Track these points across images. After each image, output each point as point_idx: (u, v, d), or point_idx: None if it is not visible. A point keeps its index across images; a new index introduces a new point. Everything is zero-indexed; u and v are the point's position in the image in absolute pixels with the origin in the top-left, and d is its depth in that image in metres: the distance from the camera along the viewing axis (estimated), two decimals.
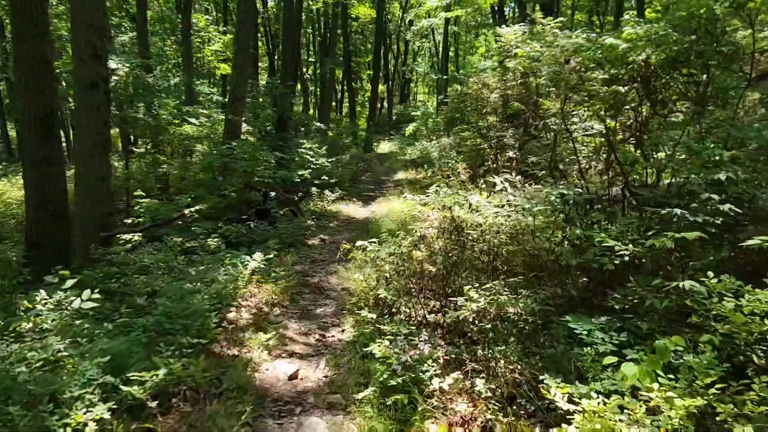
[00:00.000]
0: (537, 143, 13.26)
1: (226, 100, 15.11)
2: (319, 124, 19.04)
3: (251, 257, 6.71)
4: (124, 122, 14.40)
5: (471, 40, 47.82)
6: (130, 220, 9.90)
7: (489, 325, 4.20)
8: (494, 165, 14.49)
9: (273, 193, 10.56)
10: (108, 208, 8.17)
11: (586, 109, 6.29)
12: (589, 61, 4.97)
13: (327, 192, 12.77)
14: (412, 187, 15.27)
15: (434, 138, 24.78)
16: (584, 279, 4.23)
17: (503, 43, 15.10)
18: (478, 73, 14.12)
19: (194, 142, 12.88)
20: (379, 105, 41.79)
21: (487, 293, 4.44)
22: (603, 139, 6.34)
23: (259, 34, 34.27)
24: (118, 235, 9.29)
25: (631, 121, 5.69)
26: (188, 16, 20.70)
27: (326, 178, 13.02)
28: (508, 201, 5.12)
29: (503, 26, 15.61)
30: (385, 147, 30.52)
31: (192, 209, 7.93)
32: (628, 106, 5.57)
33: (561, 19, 15.31)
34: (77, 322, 4.92)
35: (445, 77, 28.25)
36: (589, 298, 4.14)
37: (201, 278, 6.00)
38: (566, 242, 4.26)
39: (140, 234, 9.31)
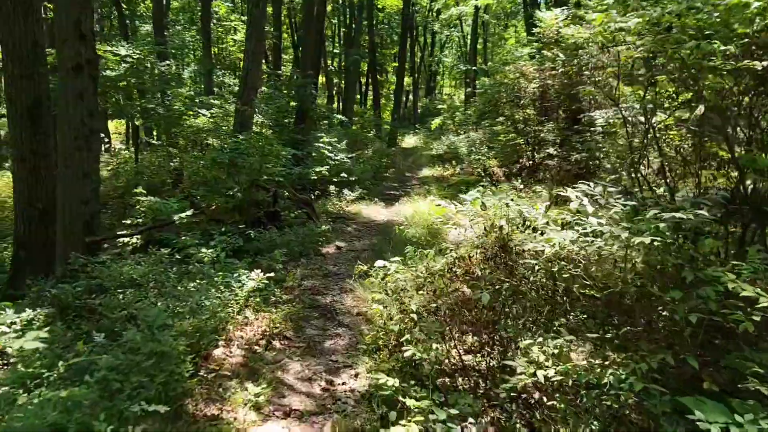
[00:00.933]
0: (579, 138, 11.79)
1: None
2: (341, 116, 17.79)
3: (249, 275, 5.50)
4: (140, 113, 13.42)
5: (499, 32, 45.99)
6: (129, 221, 8.84)
7: (562, 404, 2.90)
8: (530, 162, 13.08)
9: (285, 193, 9.36)
10: (93, 208, 7.05)
11: (670, 96, 4.87)
12: (697, 29, 3.57)
13: (346, 191, 11.53)
14: (439, 186, 13.94)
15: (462, 132, 23.35)
16: (699, 341, 2.88)
17: (543, 27, 13.63)
18: (515, 61, 12.68)
19: (206, 134, 11.76)
20: (404, 98, 40.42)
21: (554, 348, 3.15)
22: (689, 134, 4.93)
23: (284, 27, 33.24)
24: (116, 239, 8.23)
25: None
26: (207, 3, 19.63)
27: (345, 175, 11.78)
28: (579, 220, 3.77)
29: (543, 10, 14.13)
30: (410, 141, 29.17)
31: (183, 215, 6.75)
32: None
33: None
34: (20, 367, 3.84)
35: (474, 68, 26.71)
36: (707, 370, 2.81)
37: (185, 302, 4.82)
38: (677, 287, 2.91)
39: (138, 236, 8.25)
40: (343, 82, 35.02)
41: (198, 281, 5.38)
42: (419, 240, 8.40)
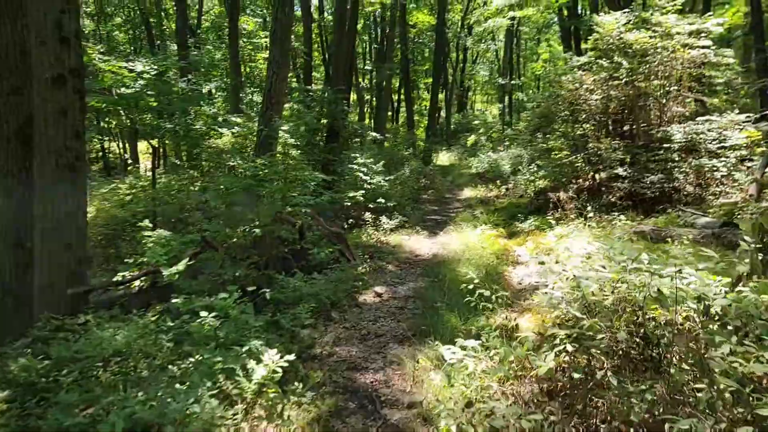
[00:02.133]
0: (652, 156, 9.97)
1: None
2: (374, 134, 16.31)
3: (263, 352, 3.94)
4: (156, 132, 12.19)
5: (532, 46, 44.26)
6: (131, 260, 7.43)
7: None
8: (589, 183, 11.25)
9: (317, 224, 7.84)
10: (79, 253, 5.65)
11: None
12: None
13: (383, 218, 9.95)
14: (486, 209, 12.22)
15: (501, 148, 21.60)
16: None
17: (601, 33, 11.89)
18: (568, 72, 10.97)
19: (228, 156, 10.38)
20: (437, 114, 38.89)
21: None
22: None
23: (315, 45, 32.23)
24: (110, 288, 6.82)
25: None
26: (235, 19, 18.53)
27: (383, 200, 10.21)
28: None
29: (601, 14, 12.39)
30: (444, 158, 27.54)
31: (174, 269, 5.27)
32: None
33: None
34: None
35: (512, 82, 25.05)
36: None
37: (167, 404, 3.29)
38: None
39: (142, 281, 6.82)
40: (374, 99, 33.75)
41: (192, 364, 3.85)
42: (478, 284, 6.75)
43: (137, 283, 6.86)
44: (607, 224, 8.36)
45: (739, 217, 7.38)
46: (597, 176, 11.00)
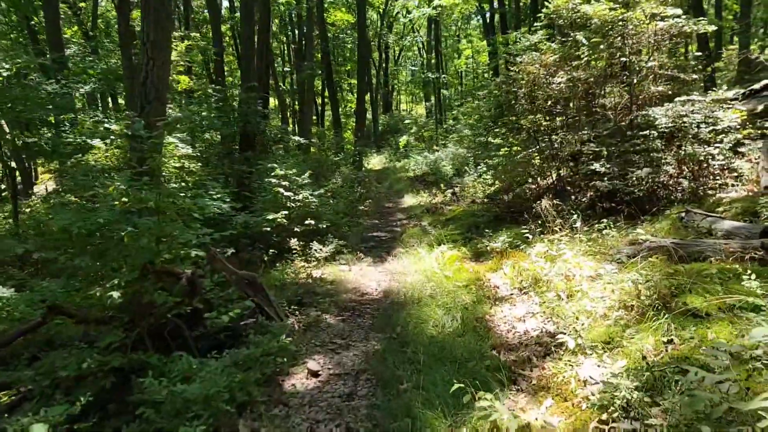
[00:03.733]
0: (630, 147, 8.27)
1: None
2: (298, 138, 13.87)
3: None
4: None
5: (453, 43, 43.17)
6: None
7: None
8: (554, 183, 9.38)
9: (220, 268, 5.39)
10: None
11: None
12: None
13: (315, 245, 7.58)
14: (436, 221, 10.15)
15: (437, 148, 19.76)
16: None
17: (553, 7, 10.15)
18: (525, 52, 9.08)
19: (101, 175, 7.64)
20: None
21: None
22: None
23: (230, 48, 29.19)
24: None
25: None
26: (125, 14, 15.43)
27: (312, 221, 7.82)
28: None
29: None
30: (375, 161, 25.41)
31: None
32: None
33: None
34: None
35: (439, 76, 23.36)
36: None
37: None
38: None
39: None
40: (297, 102, 31.12)
41: None
42: (457, 342, 4.57)
43: None
44: (599, 236, 6.47)
45: None
46: (562, 173, 9.19)
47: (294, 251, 7.43)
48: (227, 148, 12.03)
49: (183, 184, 8.11)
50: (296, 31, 31.37)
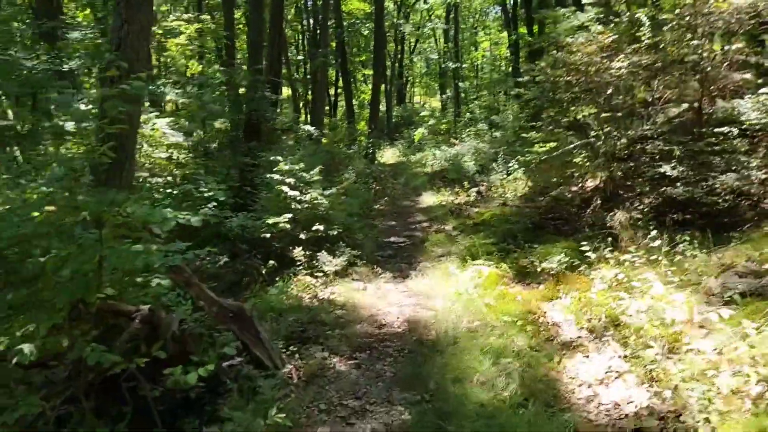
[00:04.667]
0: (706, 147, 6.77)
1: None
2: (309, 128, 12.46)
3: None
4: None
5: (470, 36, 41.36)
6: None
7: None
8: (608, 188, 7.83)
9: (198, 296, 4.02)
10: None
11: None
12: None
13: (323, 255, 6.18)
14: (462, 225, 8.72)
15: (455, 141, 18.23)
16: None
17: None
18: (579, 31, 7.56)
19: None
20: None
21: None
22: None
23: (242, 27, 27.74)
24: None
25: None
26: None
27: (321, 227, 6.40)
28: None
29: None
30: (389, 154, 23.89)
31: None
32: None
33: None
34: None
35: (459, 65, 21.80)
36: None
37: None
38: None
39: None
40: (310, 91, 29.68)
41: None
42: (519, 418, 3.18)
43: None
44: (681, 257, 5.00)
45: None
46: (613, 174, 7.68)
47: (299, 262, 6.04)
48: (229, 137, 10.65)
49: (170, 178, 6.76)
50: (311, 20, 29.92)
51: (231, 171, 8.94)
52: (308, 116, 28.09)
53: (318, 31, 25.05)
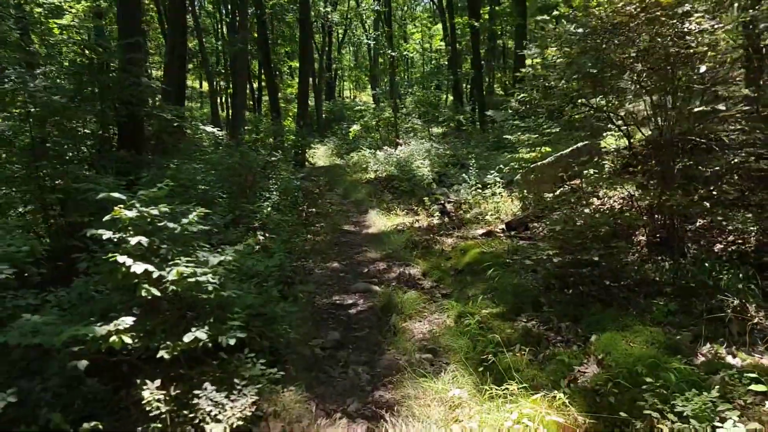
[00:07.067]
0: None
1: None
2: (212, 129, 8.92)
3: None
4: None
5: (399, 29, 38.50)
6: None
7: None
8: (660, 222, 4.88)
9: None
10: None
11: None
12: None
13: (208, 391, 2.95)
14: (434, 269, 5.72)
15: (400, 141, 15.20)
16: None
17: None
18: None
19: None
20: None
21: None
22: None
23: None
24: None
25: None
26: None
27: (202, 333, 3.07)
28: None
29: None
30: (320, 153, 20.47)
31: None
32: None
33: None
34: None
35: (399, 53, 18.82)
36: None
37: None
38: None
39: None
40: (230, 85, 25.54)
41: None
42: None
43: None
44: None
45: None
46: (664, 199, 4.92)
47: (154, 416, 2.75)
48: (99, 141, 6.97)
49: None
50: (229, 5, 25.83)
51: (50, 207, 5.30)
52: (229, 112, 24.06)
53: (237, 13, 21.09)
